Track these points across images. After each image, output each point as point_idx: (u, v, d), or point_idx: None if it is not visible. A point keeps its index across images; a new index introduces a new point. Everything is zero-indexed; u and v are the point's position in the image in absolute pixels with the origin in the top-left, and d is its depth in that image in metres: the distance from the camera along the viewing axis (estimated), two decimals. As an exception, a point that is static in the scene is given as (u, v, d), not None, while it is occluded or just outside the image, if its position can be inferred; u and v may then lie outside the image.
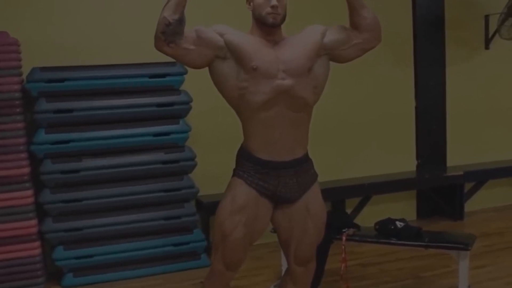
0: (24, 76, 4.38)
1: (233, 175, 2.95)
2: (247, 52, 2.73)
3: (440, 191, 6.00)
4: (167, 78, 4.62)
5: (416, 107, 6.00)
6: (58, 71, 4.41)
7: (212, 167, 4.91)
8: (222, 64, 2.78)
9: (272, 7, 2.74)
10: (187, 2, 2.66)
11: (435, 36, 5.97)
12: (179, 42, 2.66)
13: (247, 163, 2.88)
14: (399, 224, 3.94)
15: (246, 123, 2.87)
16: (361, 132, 5.76)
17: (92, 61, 4.60)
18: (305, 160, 2.96)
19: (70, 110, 4.40)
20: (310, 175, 2.98)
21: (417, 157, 6.07)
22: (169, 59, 2.81)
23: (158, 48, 2.69)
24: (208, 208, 4.79)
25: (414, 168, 6.05)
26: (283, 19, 2.81)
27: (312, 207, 2.96)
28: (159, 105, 4.61)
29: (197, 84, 4.05)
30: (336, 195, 5.41)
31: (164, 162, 4.63)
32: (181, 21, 2.63)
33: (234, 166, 2.99)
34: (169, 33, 2.62)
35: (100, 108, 4.48)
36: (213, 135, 5.11)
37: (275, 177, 2.86)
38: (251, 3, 2.83)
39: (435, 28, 5.96)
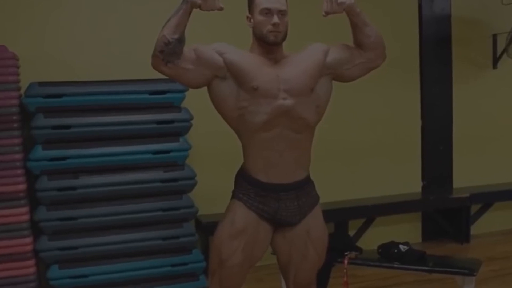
0: (22, 91, 4.37)
1: (232, 197, 2.92)
2: (247, 71, 2.71)
3: (446, 213, 5.96)
4: (167, 95, 4.59)
5: (422, 127, 5.98)
6: (56, 86, 4.38)
7: (212, 187, 4.87)
8: (221, 84, 2.76)
9: (273, 24, 2.72)
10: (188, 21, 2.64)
11: (442, 55, 5.96)
12: (177, 62, 2.64)
13: (246, 185, 2.86)
14: (402, 247, 3.92)
15: (246, 144, 2.85)
16: (365, 152, 5.73)
17: (91, 77, 4.58)
18: (307, 183, 2.93)
19: (67, 126, 4.37)
20: (312, 198, 2.96)
21: (423, 178, 6.04)
22: (169, 75, 2.78)
23: (156, 68, 2.67)
24: (207, 228, 4.75)
25: (420, 190, 6.02)
26: (285, 37, 2.79)
27: (313, 232, 2.93)
28: (158, 122, 4.58)
29: (197, 101, 4.01)
30: (338, 217, 5.37)
31: (163, 181, 4.59)
32: (180, 41, 2.62)
33: (234, 187, 2.96)
34: (167, 53, 2.60)
35: (98, 125, 4.45)
36: (213, 154, 5.09)
37: (275, 200, 2.83)
38: (251, 20, 2.80)
39: (441, 47, 5.95)
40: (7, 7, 4.54)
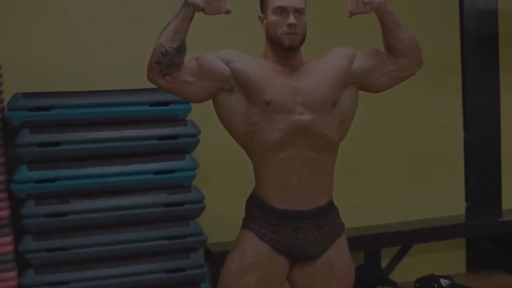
0: (4, 104, 4.36)
1: (242, 227, 2.90)
2: (258, 83, 2.69)
3: (494, 239, 5.86)
4: (171, 107, 4.57)
5: (464, 140, 5.91)
6: (44, 97, 4.38)
7: (223, 211, 4.85)
8: (229, 97, 2.74)
9: (289, 25, 2.68)
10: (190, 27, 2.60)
11: (487, 57, 5.91)
12: (177, 74, 2.61)
13: (259, 213, 2.83)
14: (443, 282, 3.95)
15: (258, 165, 2.82)
16: (399, 169, 5.67)
17: (83, 87, 4.56)
18: (329, 209, 2.89)
19: (57, 143, 4.36)
20: (335, 227, 2.92)
21: (466, 199, 5.96)
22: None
23: (151, 80, 2.65)
24: (218, 259, 4.67)
25: (463, 212, 5.94)
26: (303, 40, 2.76)
27: (337, 266, 2.89)
28: (161, 137, 4.56)
29: (205, 113, 3.99)
30: (368, 244, 5.26)
31: (167, 205, 4.57)
32: (180, 50, 2.59)
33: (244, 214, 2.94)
34: (165, 64, 2.58)
35: (92, 141, 4.43)
36: (224, 173, 5.06)
37: (292, 229, 2.80)
38: (264, 21, 2.78)
39: (487, 47, 5.90)
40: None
